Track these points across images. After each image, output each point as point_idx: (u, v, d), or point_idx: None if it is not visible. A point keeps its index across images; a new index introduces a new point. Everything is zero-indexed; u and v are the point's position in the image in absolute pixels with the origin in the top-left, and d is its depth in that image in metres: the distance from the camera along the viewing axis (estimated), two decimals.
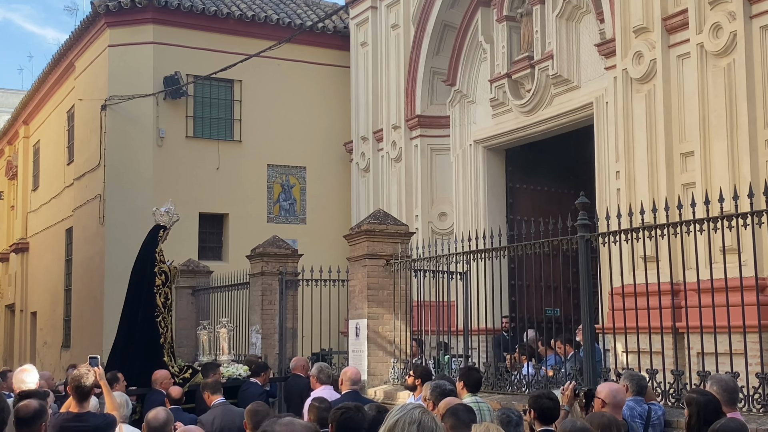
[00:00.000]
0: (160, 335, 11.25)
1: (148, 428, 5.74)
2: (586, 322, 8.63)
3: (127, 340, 11.42)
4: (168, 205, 11.94)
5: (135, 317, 11.47)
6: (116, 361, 11.10)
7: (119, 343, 11.59)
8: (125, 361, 10.94)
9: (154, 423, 5.70)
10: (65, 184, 22.87)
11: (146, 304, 11.34)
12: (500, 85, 15.84)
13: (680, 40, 11.71)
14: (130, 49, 19.29)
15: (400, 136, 18.04)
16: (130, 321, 11.56)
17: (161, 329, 11.27)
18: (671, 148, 11.69)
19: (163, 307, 11.36)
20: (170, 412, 5.96)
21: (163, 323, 11.33)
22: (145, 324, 11.27)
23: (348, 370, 8.86)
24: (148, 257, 11.66)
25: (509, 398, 9.30)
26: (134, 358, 11.05)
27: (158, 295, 11.36)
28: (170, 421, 5.79)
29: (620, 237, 8.58)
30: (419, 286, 11.45)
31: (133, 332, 11.38)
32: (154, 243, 11.70)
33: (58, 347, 23.24)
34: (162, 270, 11.50)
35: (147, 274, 11.50)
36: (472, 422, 5.44)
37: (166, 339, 11.31)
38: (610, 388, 6.46)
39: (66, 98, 23.17)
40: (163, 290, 11.42)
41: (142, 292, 11.48)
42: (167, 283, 11.54)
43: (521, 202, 16.76)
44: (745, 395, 7.20)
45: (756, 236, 7.72)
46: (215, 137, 19.71)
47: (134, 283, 11.81)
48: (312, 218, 20.30)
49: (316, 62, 20.51)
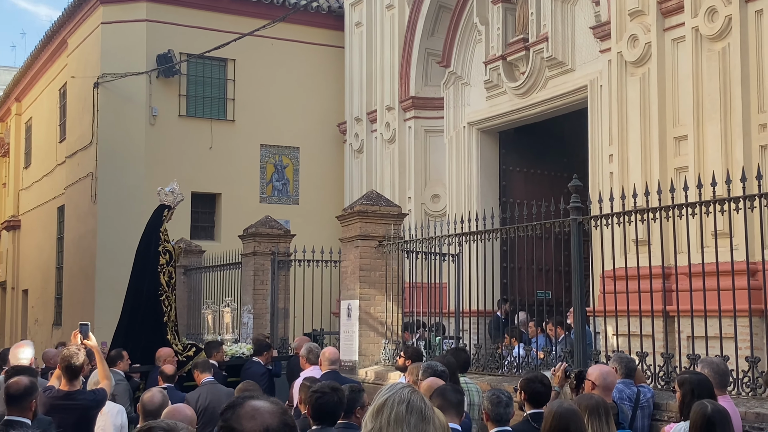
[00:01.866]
0: (164, 314, 11.36)
1: (144, 410, 5.70)
2: (577, 305, 8.66)
3: (131, 319, 11.54)
4: (172, 185, 12.01)
5: (139, 296, 11.59)
6: (120, 338, 11.28)
7: (123, 321, 11.71)
8: (129, 339, 11.07)
9: (149, 406, 5.66)
10: (57, 162, 22.79)
11: (150, 283, 11.44)
12: (495, 67, 15.80)
13: (675, 23, 11.68)
14: (123, 27, 19.18)
15: (394, 117, 18.00)
16: (134, 299, 11.67)
17: (165, 308, 11.38)
18: (665, 131, 11.68)
19: (166, 285, 11.47)
20: (166, 395, 5.92)
21: (167, 302, 11.44)
22: (149, 302, 11.38)
23: (326, 350, 8.93)
24: (152, 236, 11.75)
25: (500, 380, 9.33)
26: (138, 336, 11.16)
27: (162, 274, 11.46)
28: (165, 403, 5.75)
29: (612, 220, 8.59)
30: (411, 267, 11.46)
31: (137, 311, 11.49)
32: (159, 222, 11.79)
33: (50, 325, 23.24)
34: (166, 249, 11.60)
35: (151, 253, 11.60)
36: (460, 403, 5.45)
37: (169, 317, 11.42)
38: (601, 371, 6.48)
39: (58, 76, 23.05)
40: (167, 269, 11.53)
41: (146, 271, 11.59)
42: (171, 262, 11.63)
43: (514, 184, 16.76)
44: (735, 378, 7.23)
45: (747, 220, 7.73)
46: (208, 116, 19.65)
47: (139, 262, 11.93)
48: (305, 199, 20.28)
49: (310, 42, 20.42)
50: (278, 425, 2.37)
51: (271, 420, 2.37)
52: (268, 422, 2.36)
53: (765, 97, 10.52)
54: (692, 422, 4.71)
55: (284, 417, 2.42)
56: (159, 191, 12.02)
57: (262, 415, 2.37)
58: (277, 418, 2.39)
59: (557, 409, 4.97)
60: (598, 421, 5.18)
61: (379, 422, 2.92)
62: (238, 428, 2.34)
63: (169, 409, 5.38)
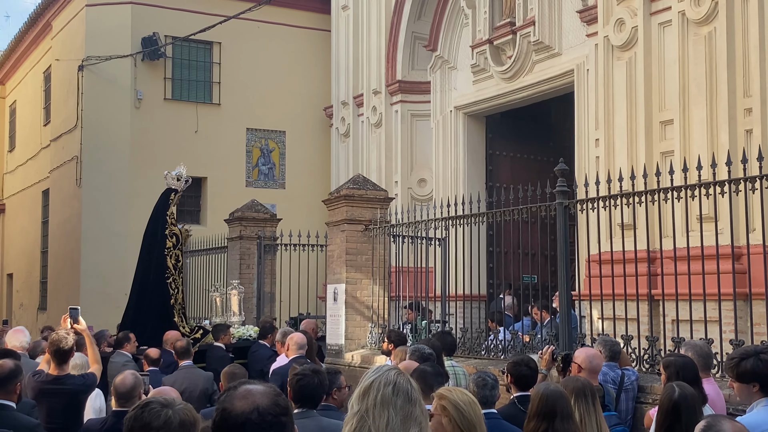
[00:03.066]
0: (171, 296, 11.49)
1: (116, 393, 5.68)
2: (563, 289, 8.68)
3: (139, 301, 11.68)
4: (179, 169, 12.10)
5: (147, 279, 11.72)
6: (128, 321, 11.44)
7: (131, 304, 11.88)
8: (137, 322, 11.21)
9: (121, 388, 5.63)
10: (42, 146, 22.65)
11: (157, 266, 11.58)
12: (481, 51, 15.77)
13: (662, 7, 11.68)
14: (108, 9, 19.04)
15: (381, 101, 17.96)
16: (141, 283, 11.82)
17: (172, 291, 11.52)
18: (651, 115, 11.70)
19: (173, 269, 11.60)
20: (139, 377, 5.89)
21: (174, 285, 11.57)
22: (157, 285, 11.52)
23: (294, 335, 8.89)
24: (159, 220, 11.85)
25: (485, 363, 9.36)
26: (146, 318, 11.30)
27: (169, 257, 11.58)
28: (138, 385, 5.71)
29: (598, 204, 8.60)
30: (398, 251, 11.46)
31: (145, 293, 11.63)
32: (166, 206, 11.90)
33: (35, 309, 23.15)
34: (173, 233, 11.70)
35: (158, 237, 11.72)
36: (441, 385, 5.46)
37: (176, 300, 11.55)
38: (587, 354, 6.51)
39: (43, 58, 22.88)
40: (173, 252, 11.64)
41: (154, 254, 11.71)
42: (178, 245, 11.74)
43: (501, 168, 16.77)
44: (719, 362, 7.27)
45: (733, 204, 7.77)
46: (194, 100, 19.56)
47: (146, 245, 12.05)
48: (291, 183, 20.23)
49: (296, 25, 20.33)
50: (268, 405, 2.45)
51: (262, 400, 2.46)
52: (258, 402, 2.45)
53: (751, 81, 10.54)
54: (659, 405, 4.75)
55: (276, 398, 2.50)
56: (166, 175, 12.10)
57: (254, 396, 2.47)
58: (268, 399, 2.48)
59: (543, 391, 4.99)
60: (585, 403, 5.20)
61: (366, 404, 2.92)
62: (230, 407, 2.45)
63: (154, 392, 5.37)
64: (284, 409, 2.49)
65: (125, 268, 18.54)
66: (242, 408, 2.43)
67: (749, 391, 4.71)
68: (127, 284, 18.35)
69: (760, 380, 4.62)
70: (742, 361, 4.73)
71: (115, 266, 18.45)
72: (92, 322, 16.14)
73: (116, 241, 18.49)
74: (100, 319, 16.90)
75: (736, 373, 4.75)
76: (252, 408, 2.43)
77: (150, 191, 18.63)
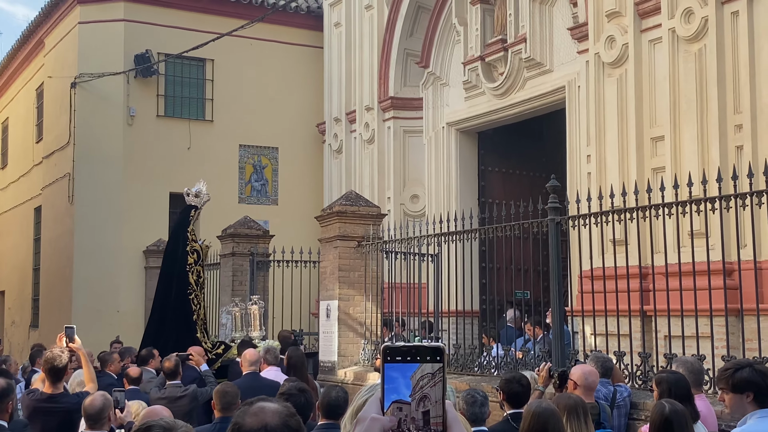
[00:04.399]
0: (193, 312, 11.55)
1: (85, 415, 5.67)
2: (556, 305, 8.69)
3: (161, 317, 11.76)
4: (199, 185, 12.15)
5: (168, 295, 11.80)
6: (150, 337, 11.56)
7: (153, 320, 11.96)
8: (160, 338, 11.29)
9: (90, 410, 5.63)
10: (34, 163, 22.62)
11: (179, 282, 11.65)
12: (473, 68, 15.83)
13: (652, 24, 11.75)
14: (101, 27, 19.07)
15: (373, 117, 18.00)
16: (163, 299, 11.90)
17: (194, 306, 11.59)
18: (642, 132, 11.75)
19: (195, 284, 11.67)
20: (108, 398, 5.87)
21: (196, 300, 11.65)
22: (179, 301, 11.59)
23: (247, 352, 9.01)
24: (180, 237, 11.94)
25: (478, 379, 9.36)
26: (168, 334, 11.35)
27: (191, 273, 11.66)
28: (107, 407, 5.70)
29: (590, 220, 8.64)
30: (390, 267, 11.46)
31: (167, 310, 11.72)
32: (186, 223, 11.96)
33: (27, 326, 23.05)
34: (194, 249, 11.78)
35: (179, 253, 11.79)
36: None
37: (198, 316, 11.61)
38: (583, 371, 6.52)
39: (35, 75, 22.88)
40: (195, 268, 11.73)
41: (175, 270, 11.78)
42: (199, 261, 11.83)
43: (493, 184, 16.80)
44: (711, 378, 7.28)
45: (723, 221, 7.80)
46: (186, 116, 19.56)
47: (167, 262, 12.15)
48: (284, 199, 20.23)
49: (288, 42, 20.38)
50: (278, 424, 2.47)
51: (272, 419, 2.48)
52: (268, 420, 2.48)
53: (741, 98, 10.61)
54: (651, 421, 4.76)
55: (287, 419, 2.51)
56: (186, 191, 12.17)
57: (265, 414, 2.49)
58: (279, 419, 2.50)
59: (535, 408, 4.99)
60: (577, 421, 5.21)
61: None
62: (241, 422, 2.48)
63: (147, 411, 5.36)
64: (294, 430, 2.51)
65: (117, 285, 18.56)
66: (251, 425, 2.46)
67: (742, 401, 4.72)
68: (119, 301, 18.49)
69: (754, 389, 4.62)
70: (737, 371, 4.73)
71: (108, 283, 18.43)
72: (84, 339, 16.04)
73: (108, 258, 18.46)
74: (92, 336, 16.87)
75: (731, 384, 4.75)
76: (261, 426, 2.45)
77: (142, 208, 18.71)
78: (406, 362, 1.70)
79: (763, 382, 4.60)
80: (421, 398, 1.70)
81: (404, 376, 1.70)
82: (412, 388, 1.70)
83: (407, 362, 1.71)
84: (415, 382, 1.70)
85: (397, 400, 1.71)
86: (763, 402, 4.60)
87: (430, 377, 1.70)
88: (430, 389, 1.70)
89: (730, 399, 4.79)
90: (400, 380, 1.70)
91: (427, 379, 1.70)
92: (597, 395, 6.82)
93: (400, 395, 1.70)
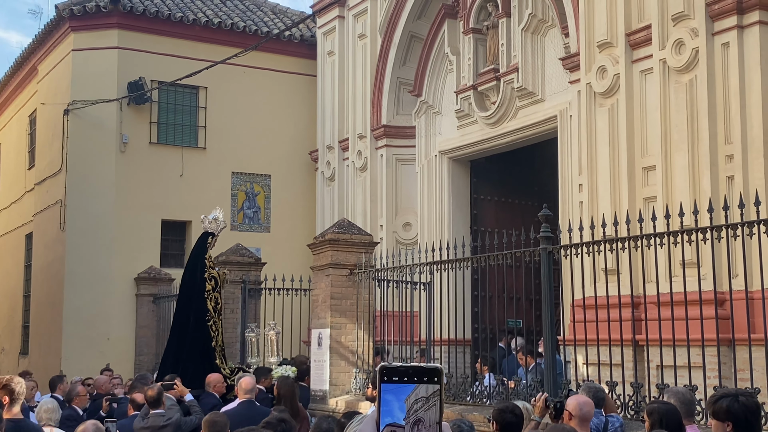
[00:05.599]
0: (212, 338, 11.61)
1: None
2: (548, 334, 8.68)
3: (180, 344, 11.80)
4: (215, 213, 12.24)
5: (186, 322, 11.86)
6: (169, 364, 11.58)
7: (171, 347, 12.02)
8: (179, 364, 11.31)
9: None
10: (26, 189, 22.57)
11: (197, 309, 11.71)
12: (466, 97, 15.91)
13: (643, 55, 11.84)
14: (94, 54, 19.12)
15: (366, 145, 18.04)
16: (181, 326, 11.97)
17: (212, 333, 11.65)
18: (633, 162, 11.80)
19: (213, 311, 11.74)
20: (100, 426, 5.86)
21: (214, 327, 11.71)
22: (197, 328, 11.65)
23: (243, 380, 9.05)
24: (197, 264, 12.01)
25: (470, 409, 9.31)
26: (187, 361, 11.38)
27: (209, 299, 11.73)
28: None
29: (582, 249, 8.65)
30: (382, 296, 11.44)
31: (185, 336, 11.78)
32: (203, 249, 12.03)
33: (16, 354, 22.89)
34: (212, 275, 11.86)
35: (197, 280, 11.86)
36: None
37: (217, 342, 11.67)
38: (578, 401, 6.49)
39: (28, 102, 22.89)
40: (213, 295, 11.80)
41: (193, 297, 11.84)
42: (217, 288, 11.89)
43: (485, 213, 16.83)
44: (703, 408, 7.27)
45: (715, 250, 7.82)
46: (179, 144, 19.57)
47: (185, 289, 12.21)
48: (276, 227, 20.22)
49: (282, 70, 20.46)
50: None
51: None
52: None
53: (731, 128, 10.67)
54: None
55: None
56: (203, 219, 12.27)
57: None
58: None
59: None
60: None
61: None
62: None
63: None
64: None
65: (108, 312, 18.47)
66: None
67: (723, 430, 4.73)
68: (109, 329, 18.39)
69: (733, 420, 4.65)
70: (719, 400, 4.78)
71: (98, 311, 18.34)
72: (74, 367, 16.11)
73: (99, 285, 18.38)
74: (82, 363, 16.81)
75: (712, 410, 4.81)
76: None
77: (134, 235, 18.66)
78: (402, 383, 1.70)
79: (743, 413, 4.62)
80: (415, 422, 1.70)
81: (399, 398, 1.70)
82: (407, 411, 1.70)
83: (404, 383, 1.70)
84: (409, 406, 1.70)
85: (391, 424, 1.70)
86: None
87: (424, 401, 1.70)
88: (424, 413, 1.70)
89: (714, 426, 4.84)
90: (394, 403, 1.70)
91: (422, 403, 1.70)
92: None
93: (395, 418, 1.70)
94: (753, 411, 4.68)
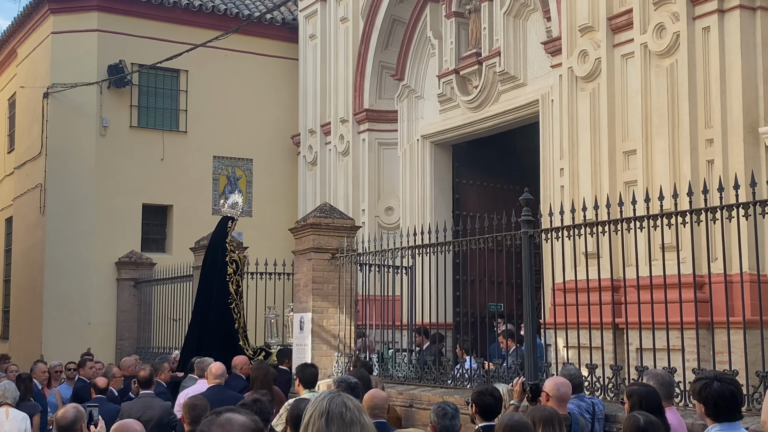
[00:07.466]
0: (234, 321, 11.86)
1: (57, 427, 5.60)
2: (528, 317, 8.72)
3: (203, 328, 12.00)
4: (234, 197, 12.40)
5: (209, 305, 12.05)
6: (192, 347, 11.77)
7: (194, 330, 12.26)
8: (202, 348, 11.42)
9: (62, 422, 5.55)
10: (5, 173, 22.41)
11: (219, 292, 11.95)
12: (448, 81, 15.90)
13: (625, 39, 11.86)
14: (74, 37, 18.95)
15: (348, 129, 18.01)
16: (204, 309, 12.16)
17: (235, 315, 11.90)
18: (614, 146, 11.84)
19: (235, 294, 11.99)
20: (81, 410, 5.79)
21: (236, 309, 11.96)
22: (220, 311, 11.87)
23: (213, 365, 9.14)
24: (218, 248, 12.21)
25: (451, 392, 9.36)
26: (210, 344, 11.50)
27: (230, 283, 11.97)
28: (80, 418, 5.63)
29: (562, 233, 8.68)
30: (364, 280, 11.46)
31: (208, 320, 11.96)
32: (224, 234, 12.20)
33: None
34: (233, 259, 12.07)
35: (218, 264, 12.07)
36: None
37: (239, 324, 11.90)
38: (555, 382, 6.54)
39: (7, 85, 22.70)
40: (234, 278, 12.05)
41: (215, 281, 12.06)
42: (238, 271, 12.10)
43: (467, 197, 16.85)
44: (682, 390, 7.34)
45: (694, 234, 7.87)
46: (160, 127, 19.46)
47: (206, 273, 12.42)
48: (258, 211, 20.16)
49: (263, 54, 20.36)
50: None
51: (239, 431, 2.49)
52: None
53: (712, 112, 10.72)
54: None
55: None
56: (222, 203, 12.44)
57: (232, 426, 2.50)
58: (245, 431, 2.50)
59: (507, 421, 5.01)
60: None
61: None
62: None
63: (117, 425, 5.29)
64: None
65: (89, 297, 18.40)
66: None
67: (702, 412, 4.78)
68: (90, 313, 18.32)
69: (704, 402, 4.68)
70: (697, 381, 4.82)
71: (79, 295, 18.26)
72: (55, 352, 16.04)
73: (80, 269, 18.30)
74: (63, 348, 16.72)
75: (692, 390, 4.84)
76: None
77: (115, 220, 18.57)
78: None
79: (720, 397, 4.62)
80: None
81: None
82: None
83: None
84: None
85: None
86: (717, 416, 4.64)
87: None
88: None
89: (697, 408, 4.87)
90: None
91: None
92: (580, 410, 6.84)
93: None
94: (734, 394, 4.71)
